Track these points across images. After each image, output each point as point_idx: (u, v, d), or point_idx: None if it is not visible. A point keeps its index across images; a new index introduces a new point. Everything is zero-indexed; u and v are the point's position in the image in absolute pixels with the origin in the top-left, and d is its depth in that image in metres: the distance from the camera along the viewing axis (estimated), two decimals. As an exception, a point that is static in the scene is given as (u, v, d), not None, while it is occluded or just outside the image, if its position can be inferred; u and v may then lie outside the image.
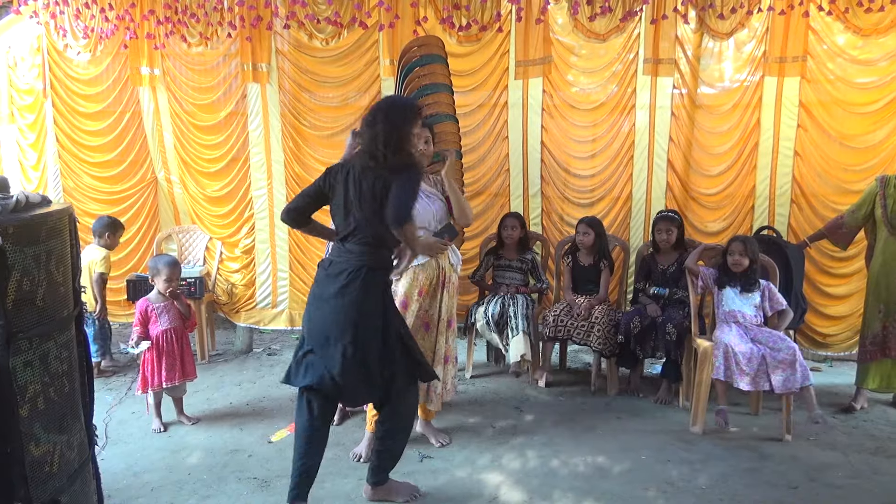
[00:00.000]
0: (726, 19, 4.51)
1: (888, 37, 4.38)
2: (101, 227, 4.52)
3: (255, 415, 3.87)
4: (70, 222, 2.03)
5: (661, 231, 4.22)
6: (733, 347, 3.51)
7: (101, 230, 4.51)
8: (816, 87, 4.53)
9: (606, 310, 4.22)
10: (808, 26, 4.45)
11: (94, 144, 5.20)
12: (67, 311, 1.98)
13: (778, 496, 2.94)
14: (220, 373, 4.61)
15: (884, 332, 3.85)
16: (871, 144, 4.53)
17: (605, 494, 2.94)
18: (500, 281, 4.50)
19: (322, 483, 2.88)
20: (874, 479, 3.09)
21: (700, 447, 3.43)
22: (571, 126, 4.88)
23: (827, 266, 4.67)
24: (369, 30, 4.76)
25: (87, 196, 5.25)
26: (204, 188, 5.14)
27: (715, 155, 4.75)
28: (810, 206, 4.64)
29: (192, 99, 5.03)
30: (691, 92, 4.69)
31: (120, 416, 3.81)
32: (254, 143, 5.03)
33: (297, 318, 5.19)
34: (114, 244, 4.59)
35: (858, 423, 3.76)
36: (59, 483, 1.88)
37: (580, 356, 4.99)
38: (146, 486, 3.02)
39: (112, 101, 5.13)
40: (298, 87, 4.92)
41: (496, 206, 5.00)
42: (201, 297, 4.82)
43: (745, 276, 3.74)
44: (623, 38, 4.67)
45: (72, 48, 5.07)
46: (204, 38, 4.92)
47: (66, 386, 1.95)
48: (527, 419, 3.82)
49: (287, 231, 5.07)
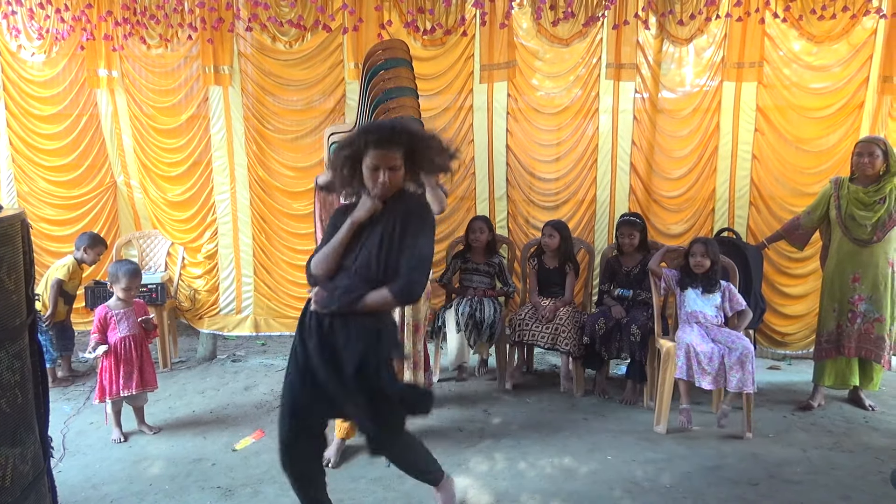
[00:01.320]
0: (686, 25, 4.60)
1: (840, 43, 4.52)
2: (80, 240, 4.52)
3: (218, 423, 3.80)
4: (23, 228, 1.97)
5: (625, 234, 4.28)
6: (695, 347, 3.57)
7: (79, 243, 4.50)
8: (773, 91, 4.65)
9: (571, 312, 4.26)
10: (765, 33, 4.56)
11: (50, 148, 5.06)
12: (20, 320, 1.92)
13: (739, 493, 2.99)
14: (182, 380, 4.53)
15: (838, 330, 3.97)
16: (826, 148, 4.66)
17: (573, 495, 2.96)
18: (467, 284, 4.50)
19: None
20: (831, 474, 3.17)
21: (664, 446, 3.48)
22: (536, 130, 4.91)
23: (784, 266, 4.79)
24: (333, 33, 4.73)
25: (43, 201, 5.10)
26: (165, 192, 5.04)
27: (676, 158, 4.84)
28: (768, 208, 4.75)
29: (152, 102, 4.94)
30: (653, 96, 4.77)
31: (78, 427, 3.71)
32: (216, 147, 4.95)
33: (262, 323, 5.12)
34: (92, 259, 4.56)
35: (816, 420, 3.86)
36: (12, 497, 1.83)
37: (546, 358, 5.03)
38: (105, 497, 2.94)
39: (68, 104, 5.00)
40: (261, 90, 4.87)
41: (462, 210, 5.01)
42: (163, 304, 4.73)
43: (707, 278, 3.81)
44: (586, 43, 4.73)
45: (26, 49, 4.93)
46: (164, 40, 4.83)
47: (18, 397, 1.89)
48: (494, 422, 3.83)
49: (251, 236, 5.01)
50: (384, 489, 2.98)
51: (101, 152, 5.09)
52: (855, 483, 3.08)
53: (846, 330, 3.93)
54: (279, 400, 2.53)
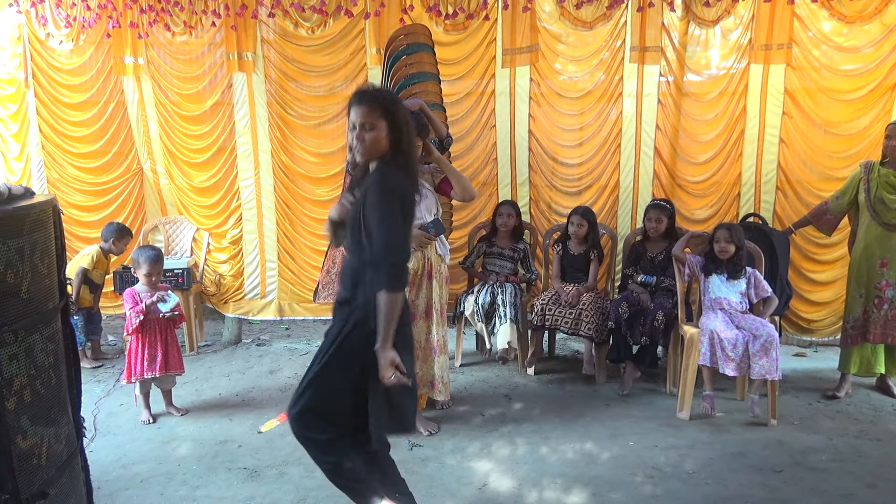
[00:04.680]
0: (712, 7, 4.52)
1: (872, 23, 4.41)
2: (107, 231, 4.62)
3: (244, 405, 3.87)
4: (54, 214, 2.01)
5: (652, 219, 4.24)
6: (719, 334, 3.54)
7: (107, 234, 4.60)
8: (801, 74, 4.56)
9: (595, 297, 4.24)
10: (794, 13, 4.47)
11: (78, 135, 5.15)
12: (53, 304, 1.97)
13: (762, 479, 2.98)
14: (208, 364, 4.61)
15: (864, 316, 3.90)
16: (856, 131, 4.57)
17: (594, 480, 2.97)
18: (490, 269, 4.51)
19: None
20: (857, 462, 3.14)
21: (687, 433, 3.47)
22: (559, 114, 4.88)
23: (811, 252, 4.72)
24: (355, 18, 4.73)
25: (72, 187, 5.20)
26: (190, 178, 5.10)
27: (701, 143, 4.77)
28: (795, 193, 4.68)
29: (176, 88, 4.99)
30: (678, 80, 4.70)
31: (109, 408, 3.80)
32: (240, 133, 4.99)
33: (286, 308, 5.18)
34: (119, 250, 4.66)
35: (842, 408, 3.81)
36: (48, 475, 1.88)
37: (568, 344, 5.02)
38: (135, 477, 3.01)
39: (96, 91, 5.08)
40: (284, 76, 4.89)
41: (484, 196, 5.00)
42: (189, 289, 4.80)
43: (732, 264, 3.77)
44: (610, 26, 4.67)
45: (53, 37, 5.01)
46: (188, 27, 4.87)
47: (52, 378, 1.93)
48: (516, 407, 3.84)
49: (275, 221, 5.05)
50: (406, 472, 2.99)
51: (127, 139, 5.17)
52: (881, 472, 3.04)
53: (872, 316, 3.87)
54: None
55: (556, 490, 2.89)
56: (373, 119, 2.15)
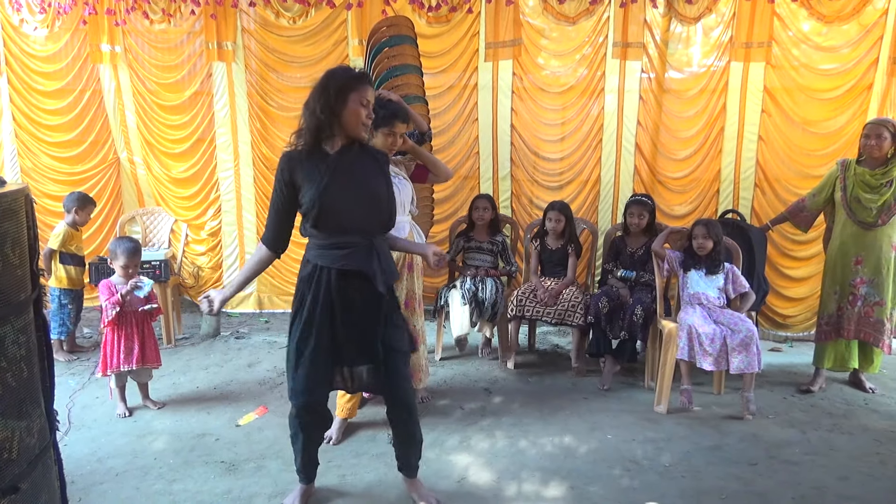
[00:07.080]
0: (694, 4, 4.55)
1: (850, 24, 4.47)
2: (69, 201, 4.41)
3: (222, 399, 3.83)
4: (27, 203, 1.96)
5: (633, 215, 4.25)
6: (697, 328, 3.58)
7: (69, 205, 4.40)
8: (781, 72, 4.61)
9: (575, 291, 4.26)
10: (774, 12, 4.51)
11: (53, 123, 5.05)
12: (25, 295, 1.93)
13: (737, 472, 3.02)
14: (186, 357, 4.56)
15: (838, 312, 3.97)
16: (833, 130, 4.64)
17: (572, 473, 2.98)
18: (470, 263, 4.50)
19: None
20: (830, 455, 3.19)
21: (664, 426, 3.50)
22: (541, 109, 4.89)
23: (787, 249, 4.79)
24: (337, 9, 4.69)
25: (46, 177, 5.11)
26: (169, 169, 5.04)
27: (682, 139, 4.81)
28: (773, 190, 4.73)
29: (155, 77, 4.92)
30: (659, 76, 4.73)
31: (84, 402, 3.75)
32: (220, 124, 4.94)
33: (266, 301, 5.15)
34: (83, 220, 4.48)
35: (816, 402, 3.88)
36: (19, 469, 1.84)
37: (548, 338, 5.04)
38: (111, 471, 2.97)
39: (71, 79, 4.99)
40: (265, 66, 4.84)
41: (466, 189, 5.00)
42: (167, 281, 4.74)
43: (710, 259, 3.81)
44: (592, 21, 4.68)
45: (28, 23, 4.91)
46: (167, 15, 4.80)
47: (24, 371, 1.90)
48: (495, 401, 3.85)
49: (255, 213, 5.01)
50: (386, 466, 3.01)
51: (104, 128, 5.08)
52: (853, 464, 3.10)
53: (846, 312, 3.93)
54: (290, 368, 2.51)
55: (535, 483, 2.90)
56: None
